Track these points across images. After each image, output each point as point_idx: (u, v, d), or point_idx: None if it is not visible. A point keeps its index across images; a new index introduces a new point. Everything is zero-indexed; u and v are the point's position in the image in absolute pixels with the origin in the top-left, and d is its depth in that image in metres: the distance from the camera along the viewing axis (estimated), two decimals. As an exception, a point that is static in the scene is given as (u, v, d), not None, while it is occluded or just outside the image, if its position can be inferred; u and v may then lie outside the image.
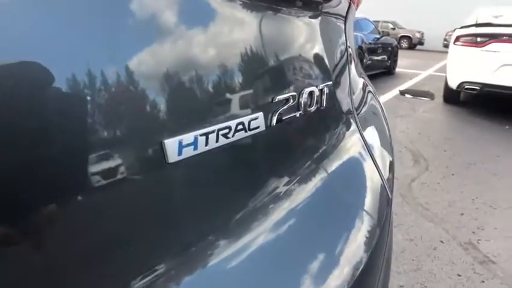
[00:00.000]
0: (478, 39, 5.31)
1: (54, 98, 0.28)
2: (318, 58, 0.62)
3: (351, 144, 0.71)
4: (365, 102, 0.90)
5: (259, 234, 0.46)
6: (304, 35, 0.60)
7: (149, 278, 0.36)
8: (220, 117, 0.42)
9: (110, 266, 0.33)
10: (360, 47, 7.77)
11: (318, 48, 0.63)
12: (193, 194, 0.41)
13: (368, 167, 0.71)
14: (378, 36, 9.29)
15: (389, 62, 9.61)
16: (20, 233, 0.27)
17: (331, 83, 0.64)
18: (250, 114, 0.45)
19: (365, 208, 0.62)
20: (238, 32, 0.46)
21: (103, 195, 0.31)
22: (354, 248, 0.55)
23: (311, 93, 0.56)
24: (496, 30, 5.23)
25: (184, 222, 0.40)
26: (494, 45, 5.12)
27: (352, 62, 0.82)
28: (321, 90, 0.60)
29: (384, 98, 6.34)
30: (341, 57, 0.73)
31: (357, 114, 0.79)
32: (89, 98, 0.29)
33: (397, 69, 10.21)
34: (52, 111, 0.27)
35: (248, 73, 0.47)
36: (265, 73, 0.50)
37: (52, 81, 0.27)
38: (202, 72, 0.40)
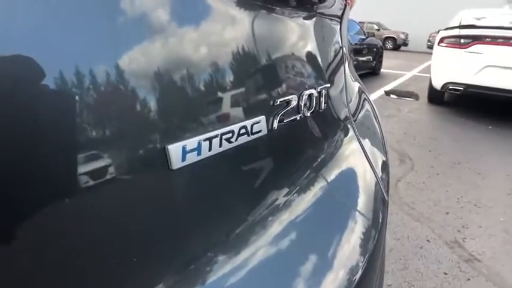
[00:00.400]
0: (462, 40, 5.39)
1: (53, 104, 0.27)
2: (314, 60, 0.63)
3: (350, 151, 0.72)
4: (361, 107, 0.90)
5: (259, 249, 0.45)
6: (300, 37, 0.60)
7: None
8: (223, 121, 0.41)
9: (107, 285, 0.32)
10: (346, 48, 7.80)
11: (315, 50, 0.63)
12: (194, 204, 0.40)
13: (366, 172, 0.71)
14: (363, 37, 9.35)
15: (375, 62, 9.68)
16: (7, 235, 0.26)
17: (328, 85, 0.65)
18: (253, 117, 0.45)
19: (364, 214, 0.62)
20: (238, 37, 0.46)
21: (102, 205, 0.30)
22: (354, 254, 0.55)
23: (310, 96, 0.57)
24: (480, 32, 5.30)
25: (186, 237, 0.39)
26: (477, 47, 5.20)
27: (347, 64, 0.82)
28: (319, 93, 0.60)
29: (369, 99, 6.37)
30: (336, 60, 0.73)
31: (354, 120, 0.79)
32: (91, 104, 0.29)
33: (382, 70, 10.31)
34: (53, 116, 0.27)
35: (249, 76, 0.46)
36: (266, 76, 0.50)
37: (54, 87, 0.26)
38: (204, 77, 0.39)
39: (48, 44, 0.27)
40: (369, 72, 9.45)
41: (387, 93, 7.15)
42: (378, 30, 20.60)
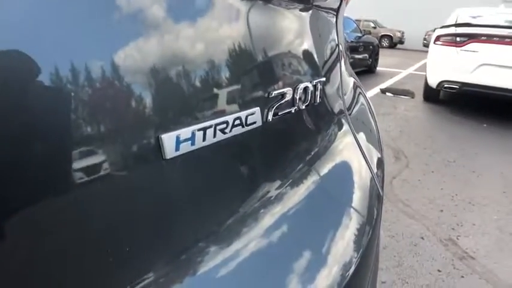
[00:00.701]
0: (458, 39, 5.40)
1: (46, 94, 0.27)
2: (310, 54, 0.62)
3: (344, 145, 0.71)
4: (356, 102, 0.89)
5: (251, 240, 0.44)
6: (296, 30, 0.60)
7: (138, 287, 0.34)
8: (218, 112, 0.41)
9: (98, 274, 0.32)
10: (342, 45, 7.80)
11: (311, 43, 0.63)
12: (187, 194, 0.39)
13: (361, 167, 0.70)
14: (360, 34, 9.37)
15: (371, 60, 9.70)
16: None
17: (324, 79, 0.64)
18: (247, 109, 0.45)
19: (358, 209, 0.62)
20: (234, 26, 0.45)
21: (94, 195, 0.30)
22: (347, 249, 0.54)
23: (305, 89, 0.56)
24: (475, 30, 5.32)
25: (178, 226, 0.39)
26: (473, 45, 5.21)
27: (343, 58, 0.81)
28: (315, 86, 0.59)
29: (365, 96, 6.38)
30: (332, 54, 0.73)
31: (349, 114, 0.78)
32: (84, 93, 0.28)
33: (378, 68, 10.32)
34: (44, 107, 0.26)
35: (244, 68, 0.46)
36: (262, 68, 0.49)
37: (45, 77, 0.26)
38: (199, 67, 0.39)
39: (38, 37, 0.26)
40: (365, 70, 9.46)
41: (383, 91, 7.17)
42: (374, 28, 20.63)
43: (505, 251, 2.31)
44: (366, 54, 9.34)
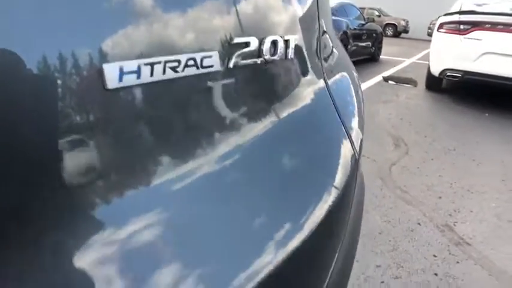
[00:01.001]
0: (461, 26, 5.34)
1: None
2: (285, 8, 0.60)
3: (314, 95, 0.68)
4: (334, 56, 0.86)
5: (204, 164, 0.44)
6: None
7: (86, 178, 0.33)
8: (169, 50, 0.40)
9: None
10: (345, 33, 7.75)
11: None
12: (133, 119, 0.39)
13: (332, 118, 0.68)
14: (363, 22, 9.27)
15: (374, 48, 9.61)
16: None
17: (297, 36, 0.62)
18: (204, 51, 0.43)
19: (324, 156, 0.61)
20: None
21: (39, 114, 0.30)
22: (300, 203, 0.53)
23: (274, 42, 0.54)
24: (479, 18, 5.25)
25: (126, 140, 0.38)
26: (477, 33, 5.15)
27: (323, 21, 0.77)
28: (286, 42, 0.57)
29: (367, 84, 6.38)
30: (311, 10, 0.70)
31: (326, 74, 0.75)
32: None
33: (382, 56, 10.24)
34: None
35: (204, 8, 0.44)
36: (224, 12, 0.47)
37: None
38: (151, 2, 0.38)
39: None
40: (368, 58, 9.38)
41: (385, 79, 7.12)
42: (379, 16, 20.45)
43: (502, 238, 2.30)
44: (369, 42, 9.25)
